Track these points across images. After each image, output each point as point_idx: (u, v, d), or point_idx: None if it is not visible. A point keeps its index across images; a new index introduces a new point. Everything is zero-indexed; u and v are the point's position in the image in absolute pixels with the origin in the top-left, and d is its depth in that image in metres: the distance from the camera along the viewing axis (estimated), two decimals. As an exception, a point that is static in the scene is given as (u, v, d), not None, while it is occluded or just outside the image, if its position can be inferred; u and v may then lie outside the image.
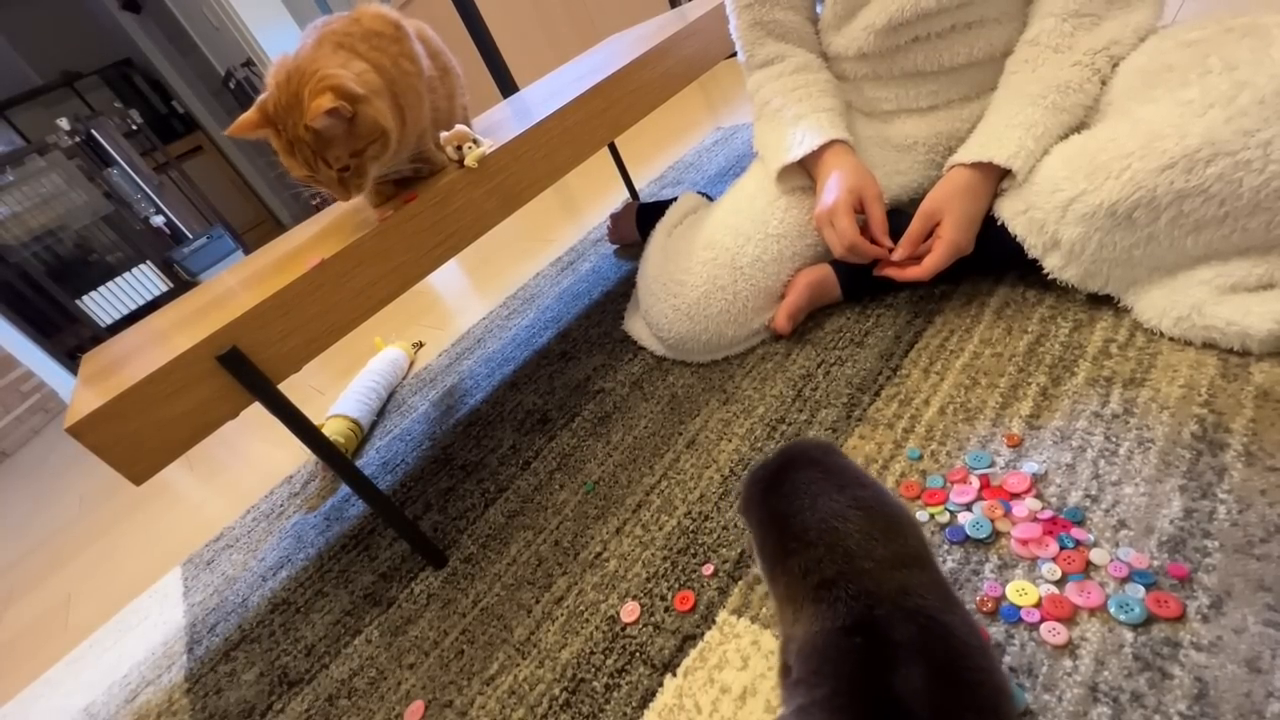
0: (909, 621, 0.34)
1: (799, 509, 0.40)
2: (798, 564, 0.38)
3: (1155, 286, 0.58)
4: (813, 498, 0.40)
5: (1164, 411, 0.52)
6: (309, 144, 0.62)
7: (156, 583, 1.04)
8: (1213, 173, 0.49)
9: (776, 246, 0.79)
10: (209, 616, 0.88)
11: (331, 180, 0.65)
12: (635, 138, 2.05)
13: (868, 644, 0.33)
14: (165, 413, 0.57)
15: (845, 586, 0.36)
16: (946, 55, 0.73)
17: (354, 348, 1.53)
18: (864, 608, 0.35)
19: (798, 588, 0.38)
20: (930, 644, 0.33)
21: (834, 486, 0.41)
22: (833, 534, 0.38)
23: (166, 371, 0.56)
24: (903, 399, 0.66)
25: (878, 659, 0.33)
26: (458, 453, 0.94)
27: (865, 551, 0.37)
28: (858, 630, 0.35)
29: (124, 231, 3.03)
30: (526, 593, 0.66)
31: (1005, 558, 0.48)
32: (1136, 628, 0.41)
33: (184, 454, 0.59)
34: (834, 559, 0.37)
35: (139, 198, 3.12)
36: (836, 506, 0.39)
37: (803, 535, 0.39)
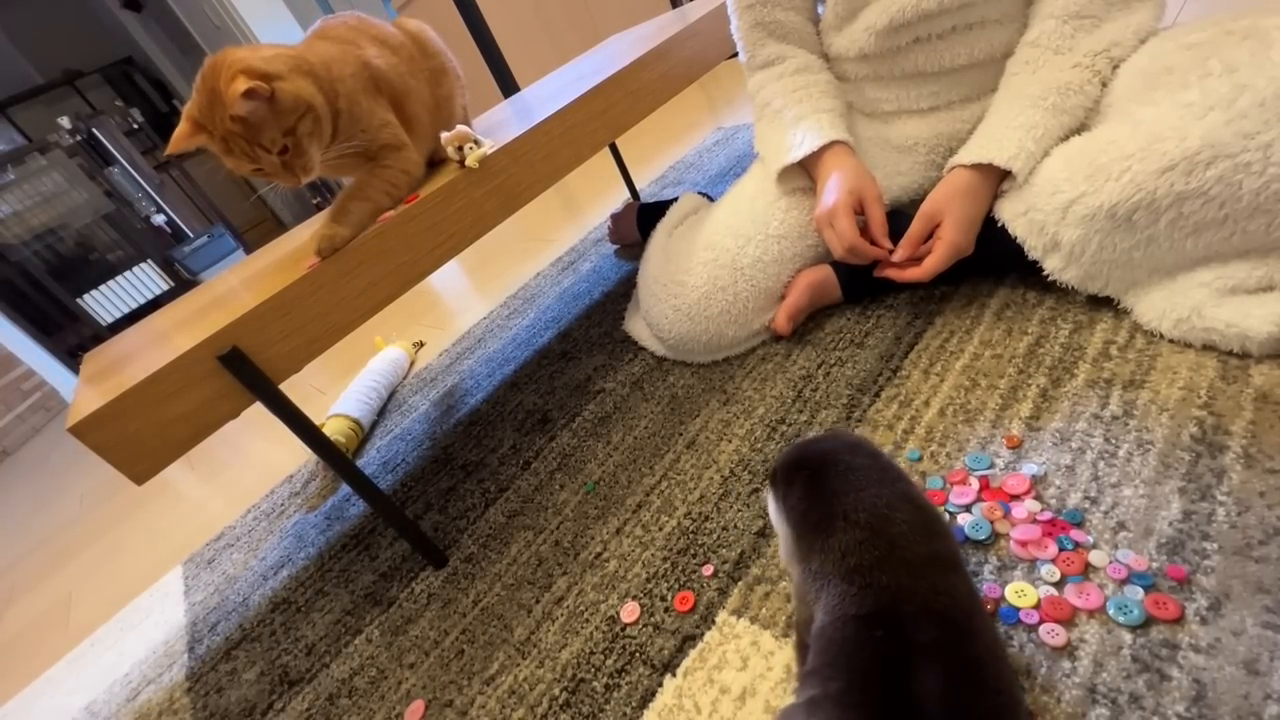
0: (934, 623, 0.34)
1: (851, 488, 0.40)
2: (839, 542, 0.38)
3: (1155, 288, 0.58)
4: (867, 482, 0.40)
5: (1163, 414, 0.52)
6: (241, 135, 0.61)
7: (157, 582, 1.04)
8: (1212, 175, 0.49)
9: (777, 247, 0.79)
10: (210, 615, 0.89)
11: (275, 167, 0.65)
12: (636, 138, 2.05)
13: (888, 640, 0.33)
14: (166, 413, 0.57)
15: (879, 575, 0.36)
16: (947, 56, 0.73)
17: (355, 347, 1.53)
18: (891, 600, 0.35)
19: (831, 566, 0.38)
20: (952, 649, 0.33)
21: (889, 478, 0.41)
22: (881, 520, 0.38)
23: (168, 371, 0.57)
24: (903, 400, 0.66)
25: (896, 658, 0.33)
26: (458, 452, 0.94)
27: (907, 544, 0.37)
28: (879, 622, 0.35)
29: (125, 230, 3.03)
30: (527, 593, 0.67)
31: (1004, 559, 0.48)
32: (1135, 629, 0.41)
33: (185, 454, 0.59)
34: (876, 545, 0.37)
35: (140, 196, 3.12)
36: (889, 495, 0.39)
37: (852, 515, 0.39)
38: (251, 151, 0.63)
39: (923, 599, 0.36)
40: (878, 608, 0.35)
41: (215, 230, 3.41)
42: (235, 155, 0.63)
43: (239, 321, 0.59)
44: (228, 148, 0.62)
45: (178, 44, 4.19)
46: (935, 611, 0.35)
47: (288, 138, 0.63)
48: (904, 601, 0.35)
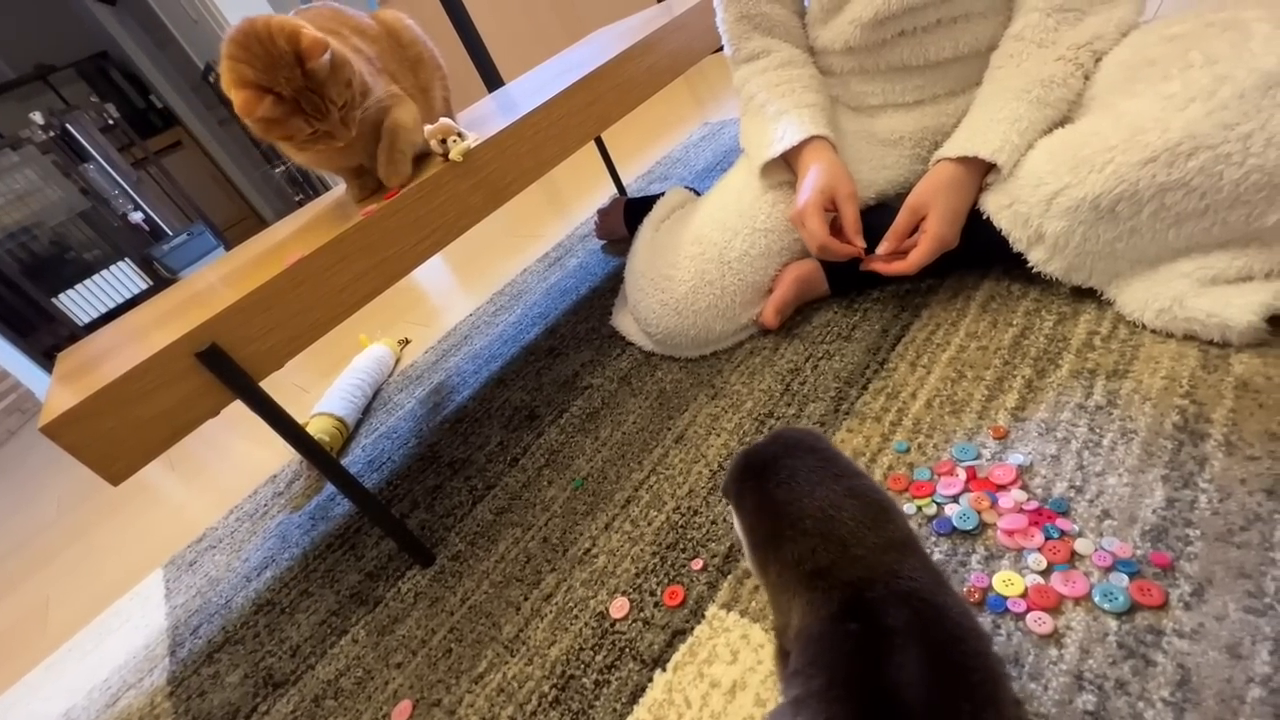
0: (902, 605, 0.34)
1: (795, 496, 0.40)
2: (791, 552, 0.38)
3: (1137, 279, 0.59)
4: (810, 486, 0.40)
5: (1146, 403, 0.53)
6: (313, 90, 0.63)
7: (137, 585, 1.02)
8: (1194, 166, 0.50)
9: (764, 241, 0.79)
10: (191, 618, 0.87)
11: (336, 123, 0.66)
12: (622, 133, 2.05)
13: (863, 631, 0.33)
14: (143, 411, 0.56)
15: (838, 575, 0.36)
16: (932, 50, 0.74)
17: (339, 345, 1.51)
18: (855, 592, 0.35)
19: (790, 575, 0.38)
20: (924, 628, 0.33)
21: (830, 475, 0.41)
22: (828, 523, 0.38)
23: (144, 369, 0.55)
24: (890, 392, 0.66)
25: (872, 647, 0.33)
26: (445, 450, 0.93)
27: (858, 539, 0.37)
28: (851, 616, 0.35)
29: (101, 228, 2.97)
30: (515, 590, 0.66)
31: (992, 549, 0.49)
32: (1120, 616, 0.42)
33: (163, 453, 0.58)
34: (828, 548, 0.37)
35: (116, 194, 3.06)
36: (832, 495, 0.39)
37: (798, 524, 0.39)
38: (323, 106, 0.64)
39: (885, 584, 0.36)
40: (845, 603, 0.36)
41: (195, 228, 3.35)
42: (305, 113, 0.64)
43: (218, 317, 0.58)
44: (298, 106, 0.63)
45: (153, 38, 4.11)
46: (900, 594, 0.35)
47: (348, 90, 0.66)
48: (867, 590, 0.36)
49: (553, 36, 2.21)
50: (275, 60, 0.61)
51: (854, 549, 0.37)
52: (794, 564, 0.38)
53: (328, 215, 0.82)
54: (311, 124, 0.65)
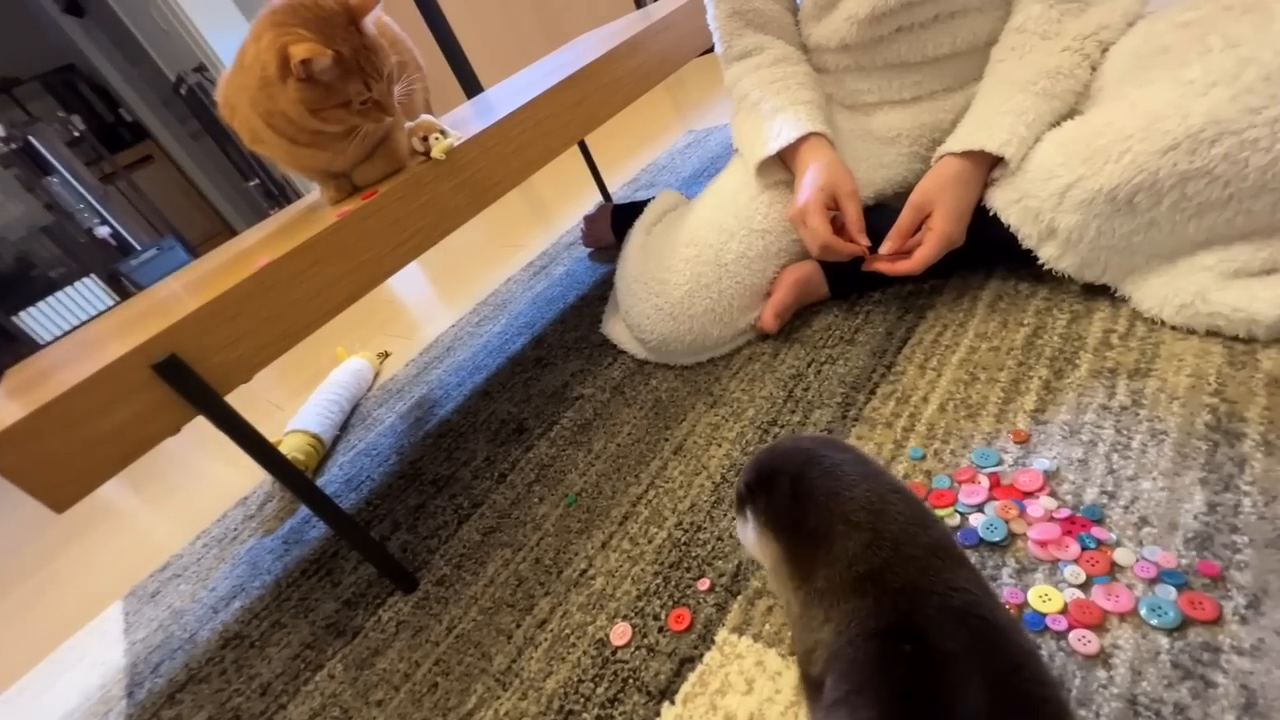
0: (960, 625, 0.30)
1: (843, 486, 0.36)
2: (844, 550, 0.34)
3: (1154, 274, 0.57)
4: (856, 477, 0.36)
5: (1174, 402, 0.50)
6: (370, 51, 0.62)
7: (94, 619, 0.95)
8: (1217, 153, 0.48)
9: (762, 242, 0.76)
10: (152, 655, 0.80)
11: (385, 93, 0.64)
12: (606, 142, 2.02)
13: (918, 655, 0.30)
14: (92, 430, 0.50)
15: (890, 580, 0.32)
16: (930, 46, 0.72)
17: (315, 359, 1.45)
18: (909, 605, 0.32)
19: (839, 578, 0.34)
20: (986, 653, 0.29)
21: (871, 470, 0.37)
22: (881, 517, 0.34)
23: (94, 383, 0.50)
24: (900, 397, 0.63)
25: (930, 674, 0.29)
26: (428, 467, 0.88)
27: (910, 538, 0.33)
28: (904, 635, 0.31)
29: (66, 243, 2.87)
30: (506, 616, 0.61)
31: (1023, 561, 0.45)
32: (1171, 632, 0.38)
33: (124, 475, 0.53)
34: (881, 546, 0.33)
35: (82, 208, 2.96)
36: (878, 488, 0.36)
37: (849, 516, 0.35)
38: (378, 69, 0.63)
39: (940, 600, 0.32)
40: (897, 618, 0.32)
41: (166, 242, 3.25)
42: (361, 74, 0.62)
43: (177, 326, 0.53)
44: (356, 65, 0.61)
45: (123, 51, 4.01)
46: (956, 610, 0.31)
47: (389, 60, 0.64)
48: (921, 606, 0.32)
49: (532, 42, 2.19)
50: (328, 19, 0.60)
51: (907, 549, 0.33)
52: (846, 564, 0.34)
53: (301, 219, 0.78)
54: (370, 85, 0.63)
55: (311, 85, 0.61)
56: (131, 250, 3.15)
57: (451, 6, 1.88)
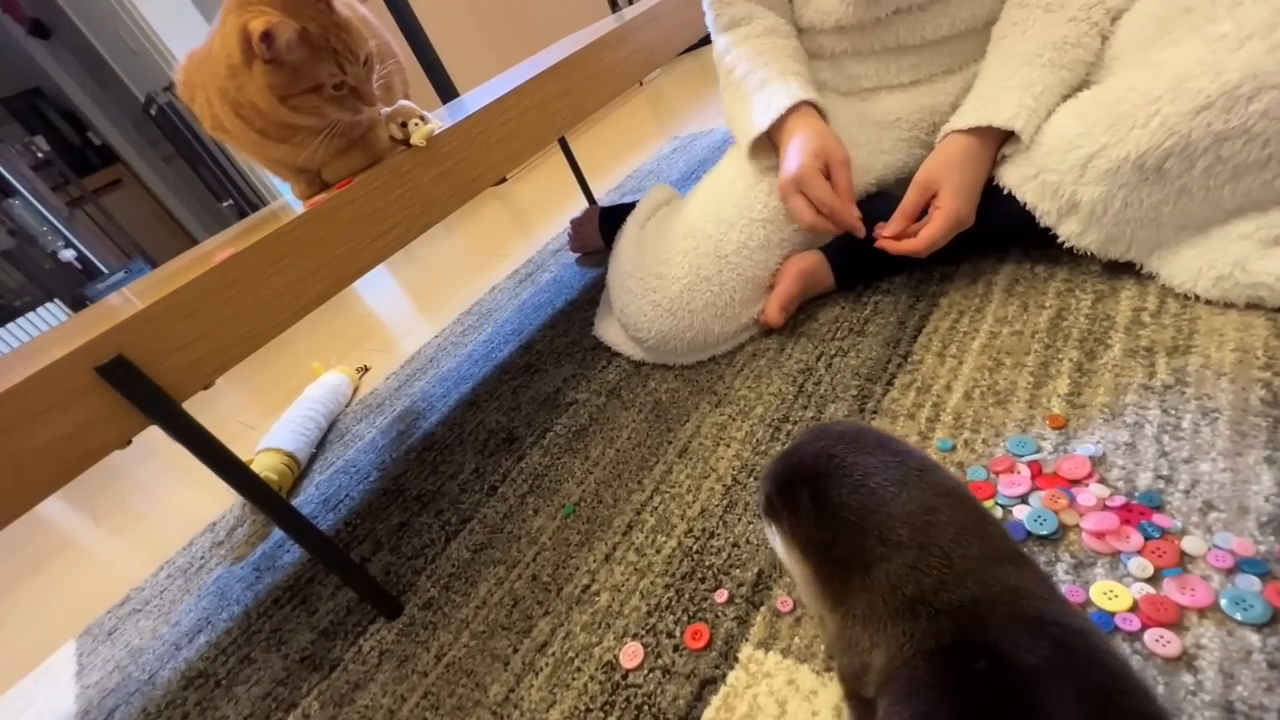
0: (1037, 635, 0.26)
1: (878, 501, 0.31)
2: (884, 574, 0.29)
3: (1185, 247, 0.54)
4: (894, 486, 0.31)
5: (1221, 378, 0.47)
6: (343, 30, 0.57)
7: (44, 662, 0.87)
8: (1256, 109, 0.45)
9: (763, 232, 0.72)
10: (106, 700, 0.73)
11: (362, 78, 0.60)
12: (591, 150, 1.99)
13: (995, 671, 0.25)
14: (25, 442, 0.44)
15: (946, 597, 0.28)
16: (929, 27, 0.69)
17: (290, 376, 1.38)
18: (971, 620, 0.27)
19: (884, 602, 0.29)
20: (1074, 664, 0.25)
21: (913, 470, 0.32)
22: (927, 530, 0.29)
23: (27, 389, 0.44)
24: (920, 386, 0.59)
25: (1015, 691, 0.24)
26: (411, 482, 0.82)
27: (964, 549, 0.29)
28: (971, 651, 0.26)
29: (28, 268, 2.76)
30: (502, 641, 0.55)
31: (1079, 555, 0.41)
32: (1261, 628, 0.34)
33: (77, 507, 0.46)
34: (931, 564, 0.29)
35: (45, 230, 2.86)
36: (922, 495, 0.31)
37: (889, 536, 0.30)
38: (352, 50, 0.58)
39: (1007, 610, 0.27)
40: (959, 634, 0.27)
41: (134, 265, 3.15)
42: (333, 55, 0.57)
43: (125, 324, 0.47)
44: (326, 43, 0.57)
45: (92, 74, 3.93)
46: (1029, 620, 0.27)
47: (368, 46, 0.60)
48: (988, 619, 0.27)
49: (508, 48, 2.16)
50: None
51: (961, 562, 0.29)
52: (889, 589, 0.29)
53: (271, 216, 0.73)
54: (343, 67, 0.58)
55: (278, 67, 0.56)
56: (98, 273, 3.05)
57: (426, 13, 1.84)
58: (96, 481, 1.39)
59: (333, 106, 0.60)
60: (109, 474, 1.40)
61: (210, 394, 1.57)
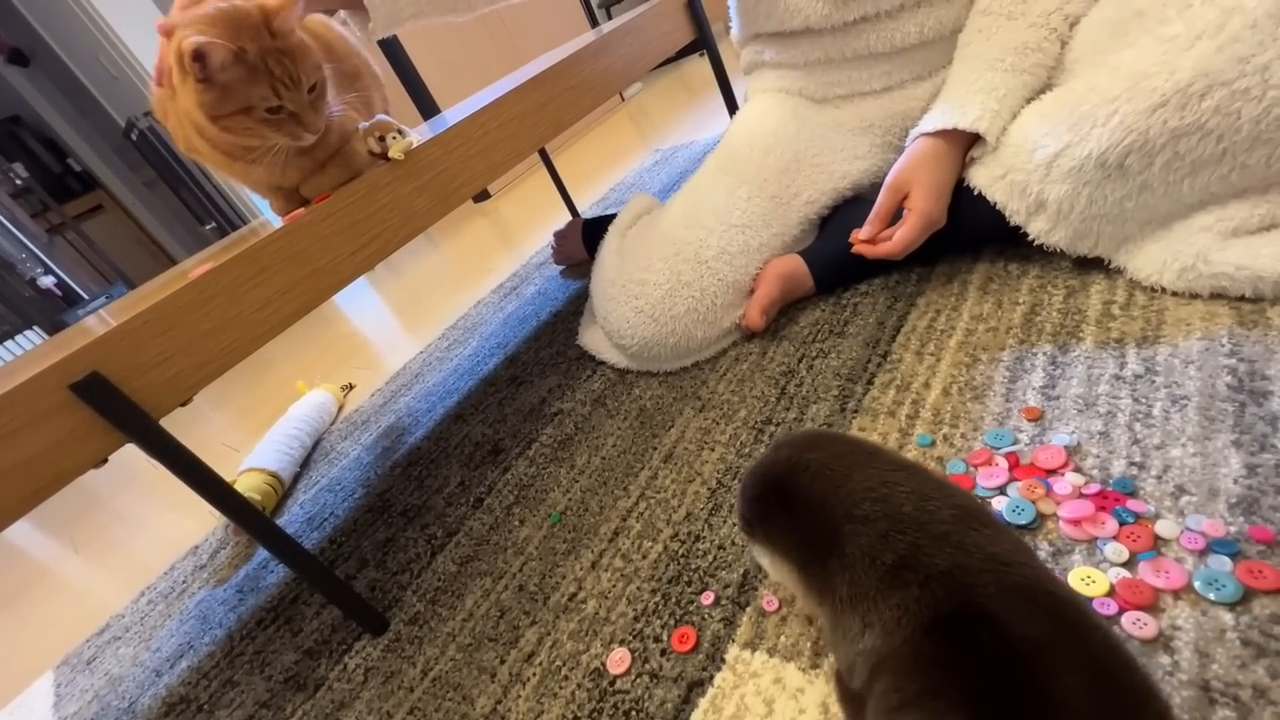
0: (1030, 605, 0.26)
1: (835, 484, 0.32)
2: (858, 546, 0.30)
3: (1150, 241, 0.55)
4: (847, 468, 0.32)
5: (1189, 366, 0.48)
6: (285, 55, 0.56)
7: (20, 695, 0.84)
8: (1208, 106, 0.46)
9: (741, 237, 0.73)
10: (85, 730, 0.71)
11: (303, 104, 0.58)
12: (573, 164, 2.01)
13: (997, 642, 0.25)
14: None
15: (928, 562, 0.28)
16: (898, 35, 0.71)
17: (274, 397, 1.37)
18: (963, 588, 0.27)
19: (866, 579, 0.29)
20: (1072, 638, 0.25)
21: (864, 454, 0.33)
22: (888, 501, 0.30)
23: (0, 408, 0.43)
24: (900, 384, 0.60)
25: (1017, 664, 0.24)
26: (397, 497, 0.81)
27: (931, 512, 0.29)
28: (970, 622, 0.26)
29: (7, 296, 2.72)
30: (489, 652, 0.55)
31: (1057, 543, 0.41)
32: (1234, 606, 0.35)
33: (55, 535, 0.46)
34: (902, 529, 0.29)
35: (24, 257, 2.83)
36: (876, 473, 0.31)
37: (852, 511, 0.31)
38: (295, 75, 0.57)
39: (993, 577, 0.27)
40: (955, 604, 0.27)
41: (115, 290, 3.12)
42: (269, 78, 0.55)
43: (101, 341, 0.47)
44: (264, 67, 0.55)
45: (72, 101, 3.92)
46: (1019, 589, 0.27)
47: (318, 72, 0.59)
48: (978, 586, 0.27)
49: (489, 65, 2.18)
50: (240, 19, 0.54)
51: (933, 525, 0.29)
52: (868, 561, 0.29)
53: (251, 234, 0.72)
54: (278, 92, 0.56)
55: (208, 86, 0.54)
56: (79, 300, 3.02)
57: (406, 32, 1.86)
58: (75, 508, 1.37)
59: (267, 129, 0.58)
60: (88, 500, 1.37)
61: (193, 416, 1.55)
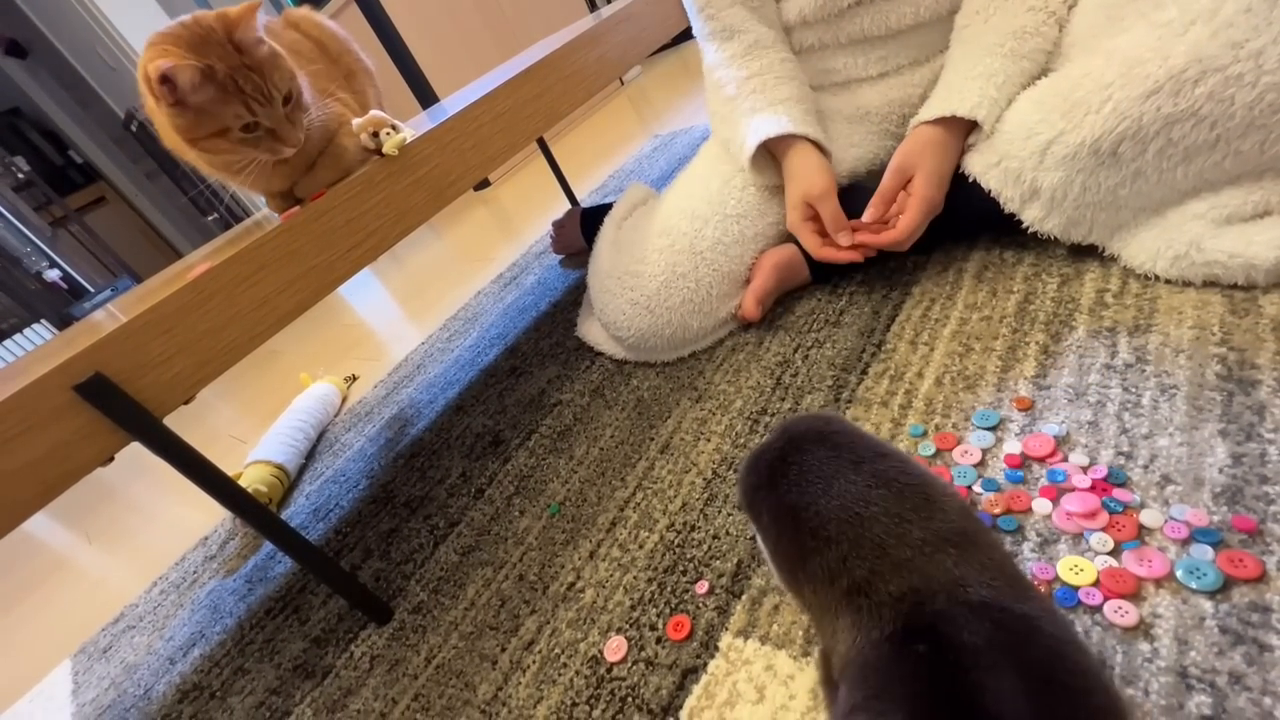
0: (979, 617, 0.27)
1: (809, 499, 0.33)
2: (819, 567, 0.31)
3: (1143, 228, 0.55)
4: (826, 481, 0.33)
5: (1180, 355, 0.48)
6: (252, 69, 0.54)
7: (39, 683, 0.87)
8: (1202, 92, 0.46)
9: (736, 227, 0.73)
10: (102, 716, 0.73)
11: (279, 119, 0.57)
12: (572, 152, 2.00)
13: (937, 650, 0.26)
14: (5, 464, 0.45)
15: (882, 587, 0.29)
16: (893, 17, 0.70)
17: (279, 389, 1.38)
18: (913, 606, 0.28)
19: (826, 594, 0.31)
20: (1014, 643, 0.26)
21: (847, 463, 0.34)
22: (855, 524, 0.31)
23: (6, 411, 0.44)
24: (893, 374, 0.60)
25: (954, 670, 0.25)
26: (400, 489, 0.82)
27: (899, 538, 0.30)
28: (915, 635, 0.27)
29: (13, 290, 2.74)
30: (490, 640, 0.56)
31: (1045, 533, 0.42)
32: (1214, 595, 0.35)
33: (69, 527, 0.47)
34: (862, 556, 0.30)
35: (29, 251, 2.85)
36: (855, 488, 0.32)
37: (820, 531, 0.31)
38: (267, 90, 0.56)
39: (948, 593, 0.28)
40: (903, 622, 0.28)
41: (120, 283, 3.13)
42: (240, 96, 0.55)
43: (103, 342, 0.48)
44: (235, 87, 0.54)
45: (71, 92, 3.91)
46: (972, 605, 0.28)
47: (292, 82, 0.58)
48: (926, 603, 0.28)
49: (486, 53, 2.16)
50: (205, 36, 0.53)
51: (895, 551, 0.30)
52: (827, 580, 0.31)
53: (255, 227, 0.73)
54: (252, 109, 0.55)
55: (181, 110, 0.54)
56: (84, 293, 3.04)
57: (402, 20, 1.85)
58: (88, 501, 1.39)
59: (246, 148, 0.57)
60: (101, 493, 1.40)
61: (200, 408, 1.57)
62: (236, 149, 0.57)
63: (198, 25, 0.54)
